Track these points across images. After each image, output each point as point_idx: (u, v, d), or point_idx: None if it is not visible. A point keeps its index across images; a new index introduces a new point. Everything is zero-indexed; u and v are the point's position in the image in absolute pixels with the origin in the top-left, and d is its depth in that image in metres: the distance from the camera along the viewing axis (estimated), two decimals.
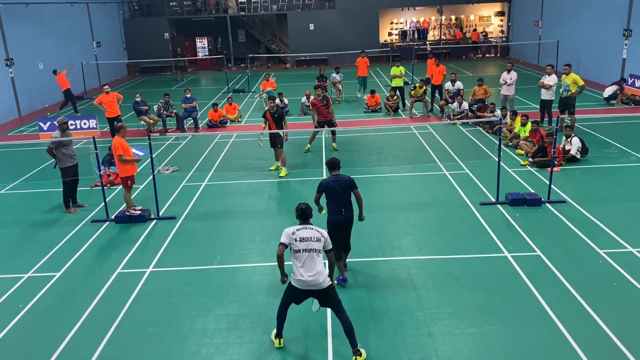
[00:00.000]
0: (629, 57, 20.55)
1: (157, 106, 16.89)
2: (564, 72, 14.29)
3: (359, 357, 5.84)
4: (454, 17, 36.48)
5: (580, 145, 12.32)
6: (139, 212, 10.08)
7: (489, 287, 7.30)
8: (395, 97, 18.61)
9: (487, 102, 16.63)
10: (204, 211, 10.49)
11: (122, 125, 10.03)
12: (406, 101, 18.74)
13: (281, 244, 5.89)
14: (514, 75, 15.97)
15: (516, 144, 13.54)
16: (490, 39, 34.94)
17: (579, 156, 12.30)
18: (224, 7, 34.12)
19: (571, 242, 8.52)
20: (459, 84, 17.46)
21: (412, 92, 17.50)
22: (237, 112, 18.46)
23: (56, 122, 10.83)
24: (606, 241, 8.47)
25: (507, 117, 14.80)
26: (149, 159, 10.23)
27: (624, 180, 11.21)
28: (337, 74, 20.84)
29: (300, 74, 30.33)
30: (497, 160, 10.09)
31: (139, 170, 11.49)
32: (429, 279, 7.60)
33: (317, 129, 13.77)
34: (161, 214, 10.26)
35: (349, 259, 7.97)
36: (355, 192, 7.37)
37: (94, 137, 10.19)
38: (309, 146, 14.20)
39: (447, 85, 17.71)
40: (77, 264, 8.53)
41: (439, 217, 9.77)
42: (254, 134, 15.56)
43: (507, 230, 9.06)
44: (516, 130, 13.90)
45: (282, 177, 12.22)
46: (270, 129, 12.06)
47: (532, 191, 10.52)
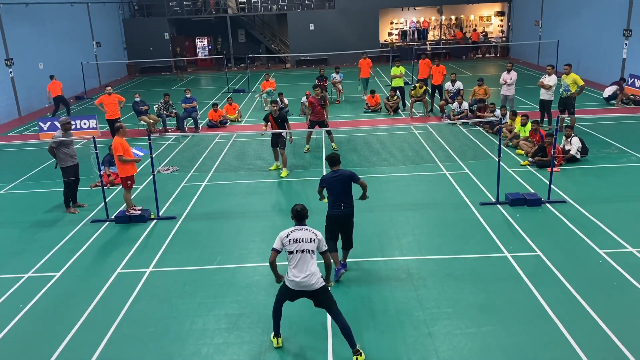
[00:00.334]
0: (629, 57, 20.55)
1: (157, 106, 16.90)
2: (564, 72, 14.29)
3: (359, 356, 5.82)
4: (454, 17, 36.49)
5: (580, 145, 12.32)
6: (139, 212, 10.08)
7: (489, 287, 7.30)
8: (395, 97, 18.62)
9: (487, 102, 16.63)
10: (204, 211, 10.49)
11: (120, 125, 10.03)
12: (406, 101, 18.75)
13: (273, 249, 5.89)
14: (514, 75, 15.97)
15: (516, 144, 13.54)
16: (490, 39, 34.94)
17: (579, 156, 12.30)
18: (223, 7, 34.13)
19: (571, 242, 8.52)
20: (459, 84, 17.46)
21: (412, 92, 17.51)
22: (237, 112, 18.46)
23: (59, 122, 10.83)
24: (606, 241, 8.47)
25: (507, 117, 14.81)
26: (149, 159, 10.24)
27: (624, 180, 11.21)
28: (337, 74, 20.85)
29: (300, 74, 30.32)
30: (497, 160, 10.09)
31: (139, 170, 11.49)
32: (429, 279, 7.60)
33: (309, 129, 13.85)
34: (161, 214, 10.26)
35: (349, 259, 7.97)
36: (359, 183, 7.45)
37: (94, 137, 10.19)
38: (308, 146, 14.22)
39: (447, 85, 17.71)
40: (77, 264, 8.52)
41: (439, 217, 9.78)
42: (254, 134, 15.58)
43: (507, 230, 9.06)
44: (516, 130, 13.90)
45: (282, 177, 12.23)
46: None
47: (532, 191, 10.52)
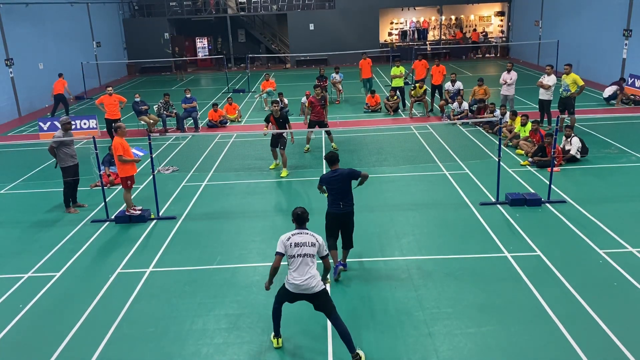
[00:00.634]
0: (629, 57, 20.54)
1: (157, 106, 16.89)
2: (565, 72, 14.29)
3: None
4: (454, 17, 36.48)
5: (580, 145, 12.32)
6: (139, 212, 10.08)
7: (489, 287, 7.30)
8: (395, 97, 18.62)
9: (487, 102, 16.62)
10: (204, 211, 10.49)
11: (119, 125, 10.02)
12: (406, 101, 18.75)
13: (277, 253, 5.86)
14: (514, 75, 15.97)
15: (516, 144, 13.54)
16: (490, 39, 34.93)
17: (579, 156, 12.30)
18: (223, 7, 34.12)
19: (571, 242, 8.52)
20: (459, 84, 17.46)
21: (412, 92, 17.52)
22: (237, 112, 18.46)
23: (59, 122, 10.83)
24: (606, 241, 8.47)
25: (507, 116, 14.82)
26: (149, 159, 10.24)
27: (624, 180, 11.21)
28: (337, 73, 20.85)
29: (300, 74, 30.32)
30: (497, 160, 10.09)
31: (139, 170, 11.49)
32: (429, 279, 7.60)
33: (309, 129, 13.85)
34: (161, 214, 10.26)
35: (349, 259, 7.97)
36: (360, 177, 7.47)
37: (94, 137, 10.19)
38: (308, 146, 14.23)
39: (447, 85, 17.71)
40: (77, 264, 8.52)
41: (439, 217, 9.77)
42: (254, 134, 15.59)
43: (507, 230, 9.06)
44: (516, 130, 13.90)
45: (282, 177, 12.23)
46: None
47: (532, 191, 10.52)
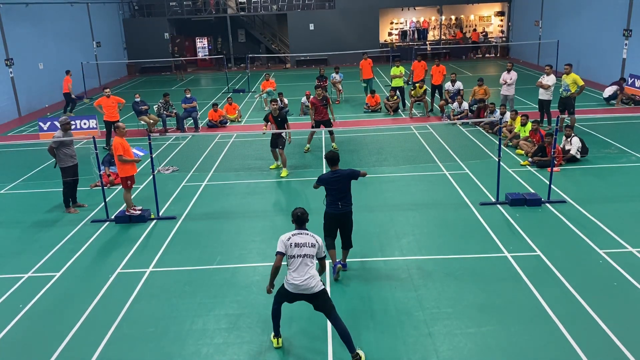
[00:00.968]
0: (629, 57, 20.54)
1: (157, 106, 16.89)
2: (565, 72, 14.28)
3: None
4: (454, 17, 36.48)
5: (580, 145, 12.32)
6: (139, 212, 10.08)
7: (489, 287, 7.30)
8: (395, 97, 18.62)
9: (487, 102, 16.62)
10: (204, 211, 10.49)
11: (119, 125, 10.01)
12: (406, 101, 18.75)
13: (278, 253, 5.87)
14: (514, 75, 15.96)
15: (516, 144, 13.54)
16: (490, 39, 34.93)
17: (579, 156, 12.30)
18: (223, 7, 34.12)
19: (571, 242, 8.52)
20: (459, 84, 17.46)
21: (412, 92, 17.52)
22: (237, 112, 18.46)
23: (58, 122, 10.82)
24: (606, 241, 8.47)
25: (506, 115, 14.81)
26: (149, 159, 10.24)
27: (624, 180, 11.21)
28: (337, 73, 20.85)
29: (300, 74, 30.32)
30: (497, 160, 10.09)
31: (139, 170, 11.49)
32: (429, 279, 7.60)
33: (314, 128, 13.85)
34: (161, 214, 10.26)
35: (349, 259, 7.97)
36: (360, 176, 7.55)
37: (94, 137, 10.18)
38: (308, 146, 14.23)
39: (447, 85, 17.71)
40: (77, 264, 8.52)
41: (439, 217, 9.77)
42: (254, 134, 15.59)
43: (507, 230, 9.06)
44: (516, 130, 13.89)
45: (282, 177, 12.23)
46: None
47: (532, 191, 10.51)
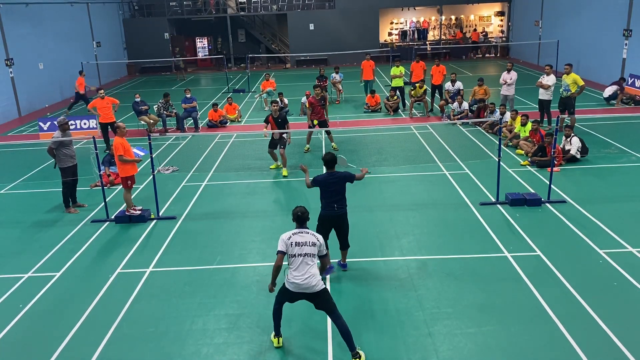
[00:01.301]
0: (629, 57, 20.54)
1: (157, 106, 16.89)
2: (565, 72, 14.28)
3: (358, 359, 5.81)
4: (454, 17, 36.48)
5: (580, 145, 12.32)
6: (139, 212, 10.08)
7: (489, 287, 7.30)
8: (395, 97, 18.62)
9: (487, 102, 16.62)
10: (204, 211, 10.49)
11: (119, 125, 10.01)
12: (406, 101, 18.75)
13: (279, 252, 5.87)
14: (514, 75, 15.96)
15: (516, 144, 13.54)
16: (490, 39, 34.93)
17: (579, 156, 12.30)
18: (223, 7, 34.12)
19: (571, 242, 8.52)
20: (459, 84, 17.46)
21: (412, 92, 17.51)
22: (237, 112, 18.46)
23: (56, 122, 10.83)
24: (606, 241, 8.47)
25: (506, 115, 14.81)
26: (149, 159, 10.24)
27: (624, 180, 11.21)
28: (337, 73, 20.85)
29: (300, 74, 30.32)
30: (497, 160, 10.09)
31: (139, 170, 11.48)
32: (429, 279, 7.60)
33: (310, 128, 13.86)
34: (161, 214, 10.26)
35: (349, 259, 7.98)
36: (356, 179, 7.53)
37: (94, 137, 10.18)
38: (308, 146, 14.23)
39: (447, 85, 17.70)
40: (77, 264, 8.52)
41: (439, 217, 9.77)
42: (254, 134, 15.58)
43: (507, 230, 9.06)
44: (516, 130, 13.90)
45: (283, 177, 12.23)
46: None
47: (532, 191, 10.51)
